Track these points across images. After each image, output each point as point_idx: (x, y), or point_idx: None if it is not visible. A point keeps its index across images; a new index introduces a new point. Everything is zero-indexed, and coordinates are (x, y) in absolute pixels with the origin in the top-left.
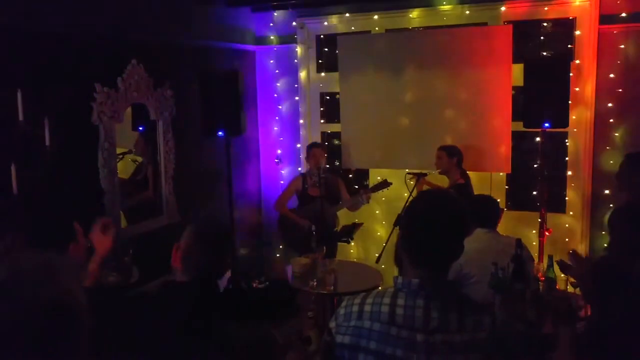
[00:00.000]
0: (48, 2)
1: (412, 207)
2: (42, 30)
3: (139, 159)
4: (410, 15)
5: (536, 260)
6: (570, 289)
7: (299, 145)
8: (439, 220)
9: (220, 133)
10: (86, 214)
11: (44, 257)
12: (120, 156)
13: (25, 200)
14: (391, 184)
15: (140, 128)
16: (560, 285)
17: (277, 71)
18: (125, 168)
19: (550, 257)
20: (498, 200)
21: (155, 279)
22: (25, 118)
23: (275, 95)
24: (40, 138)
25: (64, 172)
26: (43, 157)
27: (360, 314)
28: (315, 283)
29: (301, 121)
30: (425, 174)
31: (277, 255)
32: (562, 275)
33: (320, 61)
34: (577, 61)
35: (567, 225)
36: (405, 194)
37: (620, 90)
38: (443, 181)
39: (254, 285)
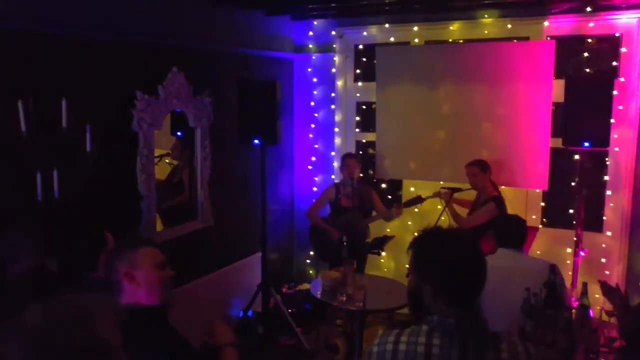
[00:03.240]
0: (91, 12)
1: (434, 255)
2: (86, 39)
3: (175, 162)
4: (451, 28)
5: (569, 282)
6: (604, 317)
7: (333, 154)
8: (465, 259)
9: (256, 141)
10: (124, 218)
11: (79, 302)
12: (158, 159)
13: (66, 204)
14: (424, 200)
15: (179, 133)
16: (594, 314)
17: (314, 79)
18: (162, 169)
19: (585, 284)
20: (534, 217)
21: (189, 281)
22: (68, 125)
23: (312, 103)
24: (82, 144)
25: (104, 177)
26: (84, 163)
27: (394, 353)
28: (344, 298)
29: (336, 130)
30: (460, 189)
31: (308, 261)
32: (599, 297)
33: (357, 71)
34: (622, 79)
35: (603, 245)
36: (439, 207)
37: None
38: (472, 196)
39: (284, 290)
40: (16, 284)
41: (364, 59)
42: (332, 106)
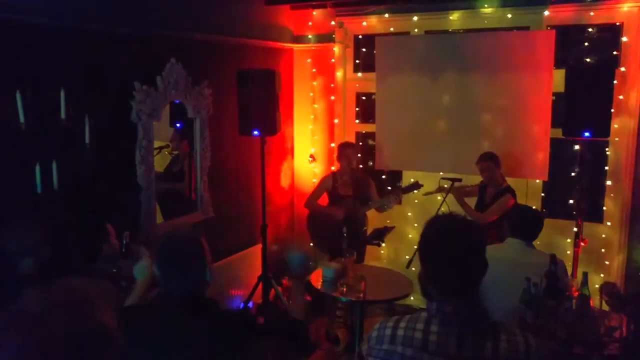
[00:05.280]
0: (89, 3)
1: (427, 241)
2: (84, 30)
3: (176, 152)
4: (451, 18)
5: (569, 272)
6: (604, 307)
7: (333, 145)
8: (459, 248)
9: (255, 132)
10: (123, 210)
11: (75, 286)
12: (158, 150)
13: (65, 196)
14: (422, 185)
15: (178, 125)
16: (594, 303)
17: (313, 70)
18: (162, 159)
19: (585, 274)
20: (534, 207)
21: None
22: (67, 116)
23: (311, 94)
24: (81, 135)
25: (103, 168)
26: (83, 154)
27: (392, 338)
28: (344, 289)
29: (336, 120)
30: (460, 179)
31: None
32: (599, 287)
33: (357, 61)
34: (623, 68)
35: (603, 236)
36: (439, 197)
37: None
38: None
39: (284, 282)
40: (20, 279)
41: (364, 49)
42: (332, 97)
